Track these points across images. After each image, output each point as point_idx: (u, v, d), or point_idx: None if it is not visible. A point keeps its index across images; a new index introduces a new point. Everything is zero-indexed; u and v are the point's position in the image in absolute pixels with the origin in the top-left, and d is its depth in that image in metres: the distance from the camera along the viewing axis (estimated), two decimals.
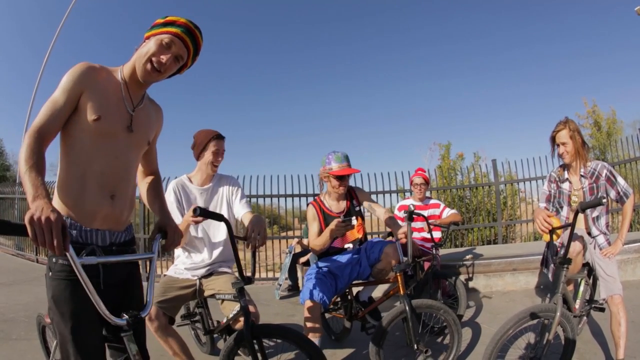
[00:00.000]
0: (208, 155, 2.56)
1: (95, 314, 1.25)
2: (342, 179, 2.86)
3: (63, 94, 1.40)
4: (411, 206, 2.97)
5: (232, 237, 1.89)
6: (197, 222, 2.27)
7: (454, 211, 4.42)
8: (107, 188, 1.48)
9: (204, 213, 1.70)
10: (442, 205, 4.54)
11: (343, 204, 3.00)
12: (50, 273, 1.38)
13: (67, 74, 1.43)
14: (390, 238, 3.03)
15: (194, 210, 1.67)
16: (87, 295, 1.22)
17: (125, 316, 1.30)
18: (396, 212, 4.55)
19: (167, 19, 1.56)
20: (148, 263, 1.47)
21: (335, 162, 2.85)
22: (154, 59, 1.52)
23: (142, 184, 1.85)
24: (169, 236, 1.64)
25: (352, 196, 3.06)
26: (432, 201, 4.62)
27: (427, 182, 4.55)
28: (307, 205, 3.15)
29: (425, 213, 4.15)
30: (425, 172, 4.68)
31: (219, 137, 2.60)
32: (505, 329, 2.20)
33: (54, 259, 1.37)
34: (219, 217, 1.81)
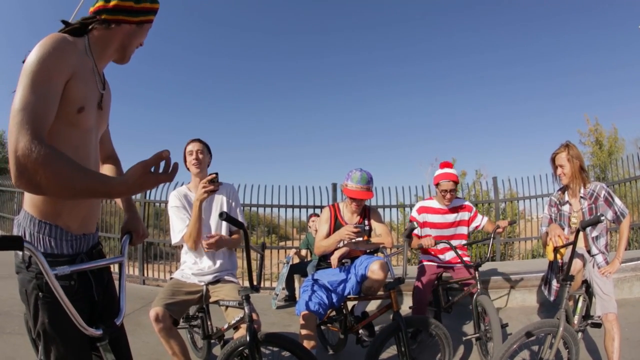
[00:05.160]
0: (187, 158, 2.71)
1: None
2: (353, 199, 2.91)
3: (54, 80, 1.12)
4: (415, 224, 2.94)
5: (248, 245, 1.96)
6: (211, 191, 2.40)
7: (487, 218, 3.68)
8: None
9: (229, 219, 1.75)
10: (474, 209, 3.69)
11: (356, 219, 3.05)
12: (41, 294, 1.22)
13: (49, 52, 1.12)
14: (379, 254, 3.04)
15: (220, 215, 1.72)
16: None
17: (102, 326, 1.26)
18: (414, 213, 3.70)
19: (145, 5, 1.38)
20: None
21: (352, 181, 2.89)
22: (136, 49, 1.43)
23: (106, 172, 1.65)
24: (133, 239, 1.57)
25: (366, 215, 3.09)
26: (460, 203, 3.68)
27: (456, 184, 3.52)
28: (308, 215, 3.18)
29: (454, 217, 3.57)
30: (452, 168, 3.58)
31: (192, 141, 2.74)
32: (509, 344, 2.28)
33: (44, 278, 1.18)
34: (239, 225, 1.89)
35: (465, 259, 3.47)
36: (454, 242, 3.46)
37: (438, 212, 3.58)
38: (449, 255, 3.56)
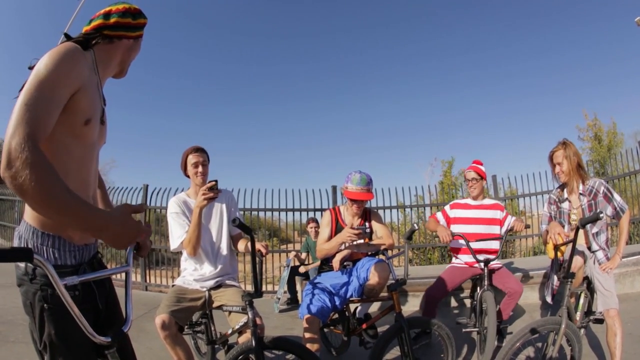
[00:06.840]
0: (191, 169, 2.68)
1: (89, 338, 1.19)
2: (354, 200, 2.92)
3: (61, 87, 1.14)
4: (415, 225, 2.96)
5: (254, 251, 2.01)
6: (210, 198, 2.40)
7: (514, 218, 3.52)
8: (91, 195, 1.39)
9: (241, 225, 1.83)
10: (505, 210, 3.64)
11: (357, 221, 3.06)
12: (46, 305, 1.21)
13: (62, 59, 1.15)
14: (380, 256, 3.05)
15: (233, 221, 1.79)
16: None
17: (110, 334, 1.25)
18: (447, 207, 3.71)
19: (140, 20, 1.48)
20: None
21: (352, 183, 2.91)
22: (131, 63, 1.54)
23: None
24: (140, 245, 1.56)
25: (367, 217, 3.11)
26: (489, 201, 3.69)
27: (482, 177, 3.60)
28: (306, 220, 3.17)
29: (486, 214, 3.53)
30: (481, 165, 3.67)
31: (196, 150, 2.69)
32: (512, 342, 2.30)
33: (49, 290, 1.20)
34: (248, 231, 1.95)
35: (493, 258, 3.27)
36: (487, 244, 3.37)
37: (471, 208, 3.60)
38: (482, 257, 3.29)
